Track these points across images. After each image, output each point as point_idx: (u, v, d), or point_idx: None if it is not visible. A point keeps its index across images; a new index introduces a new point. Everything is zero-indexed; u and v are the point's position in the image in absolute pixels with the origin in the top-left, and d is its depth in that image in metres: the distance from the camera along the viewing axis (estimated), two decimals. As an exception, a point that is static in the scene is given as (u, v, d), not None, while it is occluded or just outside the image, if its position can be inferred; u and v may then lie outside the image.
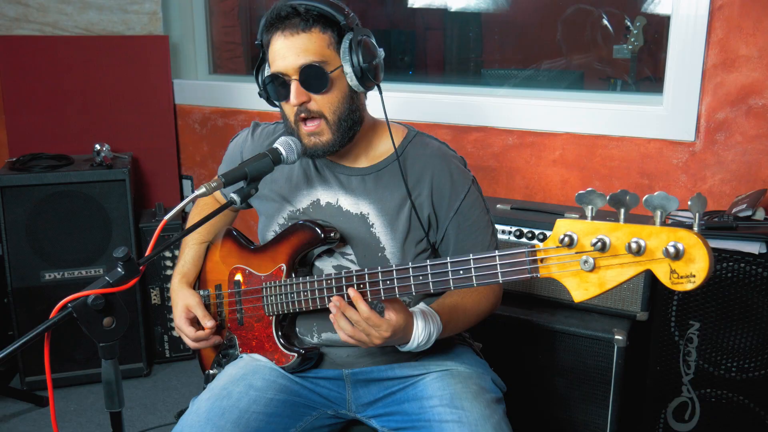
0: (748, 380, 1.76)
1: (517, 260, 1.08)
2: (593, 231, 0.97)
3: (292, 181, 1.53)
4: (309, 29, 1.35)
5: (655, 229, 0.92)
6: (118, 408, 1.14)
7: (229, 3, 3.66)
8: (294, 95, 1.36)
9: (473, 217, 1.49)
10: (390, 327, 1.26)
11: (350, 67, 1.37)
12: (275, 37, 1.37)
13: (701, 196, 0.91)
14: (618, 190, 0.95)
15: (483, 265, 1.13)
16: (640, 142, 2.20)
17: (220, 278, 1.59)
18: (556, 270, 1.03)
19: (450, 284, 1.18)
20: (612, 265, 0.96)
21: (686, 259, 0.90)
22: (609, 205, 0.96)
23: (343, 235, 1.46)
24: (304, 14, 1.34)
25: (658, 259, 0.92)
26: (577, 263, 0.99)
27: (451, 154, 1.53)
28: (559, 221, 1.01)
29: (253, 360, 1.51)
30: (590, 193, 0.97)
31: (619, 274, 0.96)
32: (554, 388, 1.97)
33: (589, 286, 0.99)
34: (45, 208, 2.63)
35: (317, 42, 1.35)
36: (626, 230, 0.94)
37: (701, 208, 0.91)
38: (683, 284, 0.90)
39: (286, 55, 1.35)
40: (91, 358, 2.75)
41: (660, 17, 2.53)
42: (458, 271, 1.16)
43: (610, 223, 0.96)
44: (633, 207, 0.95)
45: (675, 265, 0.91)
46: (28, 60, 2.92)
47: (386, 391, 1.49)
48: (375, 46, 1.41)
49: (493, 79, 2.98)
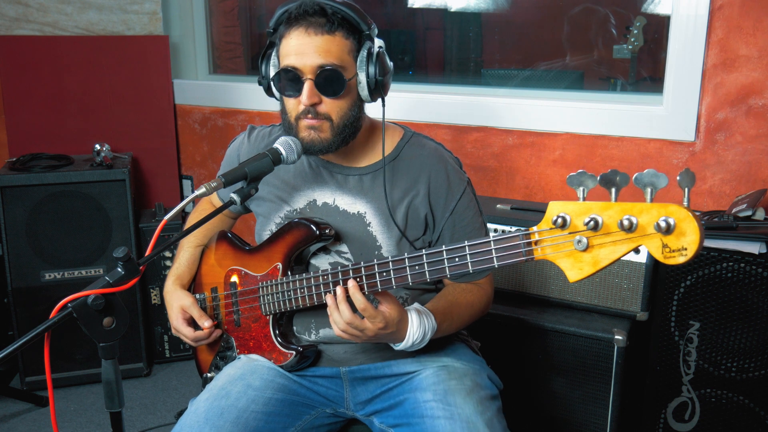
0: (748, 380, 1.76)
1: (512, 244, 1.09)
2: (585, 211, 0.99)
3: (288, 182, 1.54)
4: (333, 32, 1.35)
5: (646, 206, 0.94)
6: (118, 408, 1.14)
7: (229, 3, 3.66)
8: (307, 95, 1.35)
9: (468, 218, 1.50)
10: (384, 319, 1.26)
11: (365, 77, 1.38)
12: (295, 31, 1.36)
13: (689, 171, 0.94)
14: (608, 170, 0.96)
15: (478, 251, 1.14)
16: (640, 142, 2.20)
17: (215, 281, 1.59)
18: (551, 251, 1.04)
19: (446, 272, 1.18)
20: (605, 243, 0.97)
21: (677, 233, 0.91)
22: (600, 185, 0.97)
23: (340, 234, 1.47)
24: (331, 15, 1.34)
25: (650, 234, 0.93)
26: (570, 243, 1.00)
27: (447, 155, 1.53)
28: (551, 203, 1.02)
29: (251, 360, 1.51)
30: (581, 174, 0.98)
31: (612, 252, 0.97)
32: (554, 388, 1.97)
33: (584, 265, 1.00)
34: (45, 208, 2.63)
35: (339, 46, 1.35)
36: (617, 208, 0.96)
37: (690, 183, 0.93)
38: (675, 257, 0.92)
39: (305, 52, 1.34)
40: (91, 358, 2.75)
41: (660, 17, 2.53)
42: (454, 258, 1.17)
43: (601, 203, 0.97)
44: (624, 186, 0.96)
45: (666, 239, 0.92)
46: (28, 60, 2.92)
47: (383, 388, 1.50)
48: (388, 60, 1.42)
49: (493, 79, 2.98)
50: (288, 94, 1.39)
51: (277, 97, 1.46)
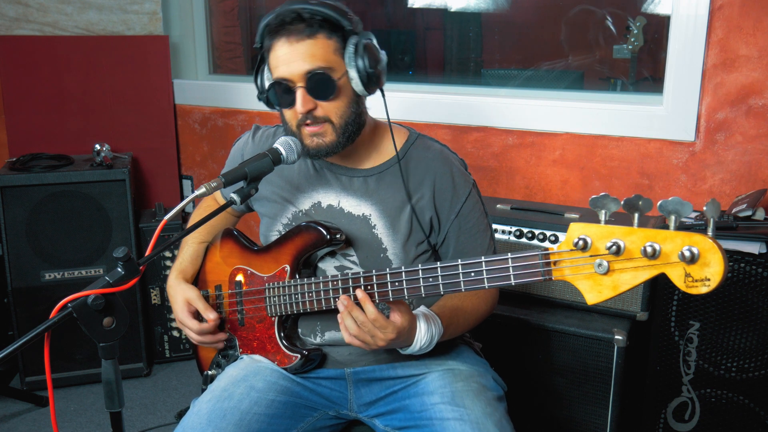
0: (748, 380, 1.76)
1: (530, 263, 1.09)
2: (608, 235, 0.98)
3: (293, 183, 1.53)
4: (314, 35, 1.33)
5: (670, 234, 0.93)
6: (118, 408, 1.14)
7: (229, 3, 3.66)
8: (300, 103, 1.35)
9: (473, 220, 1.49)
10: (395, 329, 1.26)
11: (356, 72, 1.36)
12: (279, 43, 1.35)
13: (716, 201, 0.93)
14: (632, 195, 0.96)
15: (495, 267, 1.13)
16: (640, 142, 2.20)
17: (220, 279, 1.59)
18: (569, 273, 1.04)
19: (461, 286, 1.18)
20: (626, 269, 0.97)
21: (701, 263, 0.91)
22: (623, 209, 0.97)
23: (345, 236, 1.46)
24: (308, 20, 1.33)
25: (673, 262, 0.93)
26: (591, 266, 1.00)
27: (453, 157, 1.53)
28: (573, 225, 1.02)
29: (254, 361, 1.51)
30: (604, 197, 0.99)
31: (633, 278, 0.97)
32: (554, 387, 1.97)
33: (603, 288, 1.00)
34: (45, 208, 2.63)
35: (323, 48, 1.34)
36: (641, 234, 0.96)
37: (715, 214, 0.93)
38: (698, 287, 0.92)
39: (291, 61, 1.34)
40: (91, 358, 2.75)
41: (660, 17, 2.53)
42: (470, 273, 1.16)
43: (624, 227, 0.97)
44: (646, 212, 0.96)
45: (690, 268, 0.92)
46: (28, 60, 2.92)
47: (388, 390, 1.49)
48: (378, 50, 1.41)
49: (493, 79, 2.98)
50: (284, 105, 1.39)
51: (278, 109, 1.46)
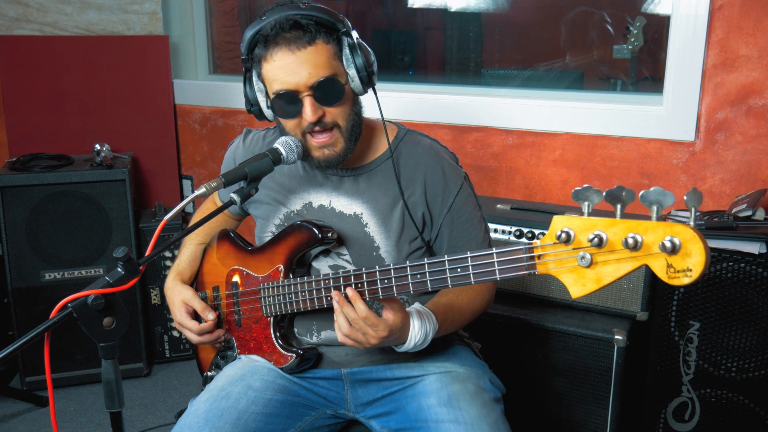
0: (748, 380, 1.76)
1: (515, 257, 1.09)
2: (590, 227, 0.98)
3: (284, 185, 1.53)
4: (314, 41, 1.32)
5: (652, 225, 0.92)
6: (118, 408, 1.14)
7: (229, 3, 3.66)
8: (310, 111, 1.33)
9: (466, 214, 1.49)
10: (387, 327, 1.26)
11: (355, 72, 1.36)
12: (277, 53, 1.32)
13: (697, 191, 0.92)
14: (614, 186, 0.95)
15: (480, 263, 1.13)
16: (640, 142, 2.20)
17: (217, 280, 1.59)
18: (553, 266, 1.03)
19: (448, 282, 1.18)
20: (609, 261, 0.97)
21: (683, 254, 0.90)
22: (606, 201, 0.96)
23: (338, 235, 1.46)
24: (306, 26, 1.32)
25: (655, 253, 0.92)
26: (574, 259, 0.99)
27: (443, 151, 1.52)
28: (556, 217, 1.02)
29: (251, 361, 1.51)
30: (587, 189, 0.98)
31: (616, 270, 0.96)
32: (554, 388, 1.97)
33: (587, 281, 0.99)
34: (45, 208, 2.63)
35: (324, 54, 1.34)
36: (623, 226, 0.95)
37: (697, 203, 0.92)
38: (680, 278, 0.91)
39: (294, 70, 1.32)
40: (91, 358, 2.75)
41: (660, 17, 2.53)
42: (456, 269, 1.17)
43: (606, 219, 0.97)
44: (629, 203, 0.95)
45: (671, 259, 0.91)
46: (28, 60, 2.92)
47: (385, 391, 1.49)
48: (368, 46, 1.41)
49: (493, 79, 2.98)
50: (289, 117, 1.37)
51: (270, 119, 1.44)
